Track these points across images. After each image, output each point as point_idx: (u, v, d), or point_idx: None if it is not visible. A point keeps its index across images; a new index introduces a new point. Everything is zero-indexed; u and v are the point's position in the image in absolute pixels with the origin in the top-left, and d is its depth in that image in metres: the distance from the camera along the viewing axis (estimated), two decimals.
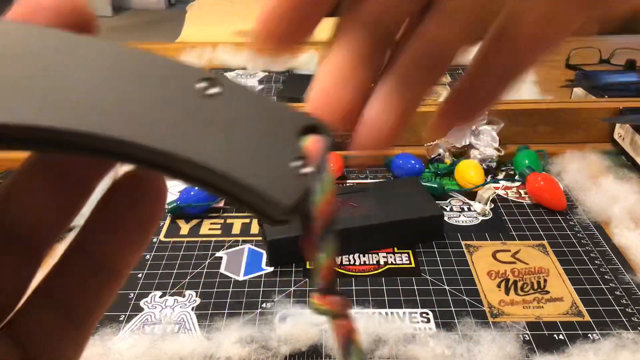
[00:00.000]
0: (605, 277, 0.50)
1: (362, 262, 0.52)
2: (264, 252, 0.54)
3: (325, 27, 0.21)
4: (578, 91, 0.82)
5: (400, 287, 0.49)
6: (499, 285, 0.49)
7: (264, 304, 0.47)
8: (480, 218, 0.59)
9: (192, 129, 0.15)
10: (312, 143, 0.16)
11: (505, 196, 0.62)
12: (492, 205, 0.60)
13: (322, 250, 0.16)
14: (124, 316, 0.46)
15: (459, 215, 0.59)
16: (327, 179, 0.16)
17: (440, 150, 0.68)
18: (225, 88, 0.15)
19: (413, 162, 0.64)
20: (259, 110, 0.16)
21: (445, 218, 0.58)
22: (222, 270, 0.52)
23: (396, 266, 0.51)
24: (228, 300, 0.48)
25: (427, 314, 0.46)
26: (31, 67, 0.14)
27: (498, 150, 0.67)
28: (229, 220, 0.59)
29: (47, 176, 0.17)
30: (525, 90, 0.85)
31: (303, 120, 0.16)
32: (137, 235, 0.18)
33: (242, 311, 0.47)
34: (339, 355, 0.17)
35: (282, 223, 0.17)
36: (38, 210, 0.17)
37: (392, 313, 0.46)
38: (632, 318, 0.45)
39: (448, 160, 0.67)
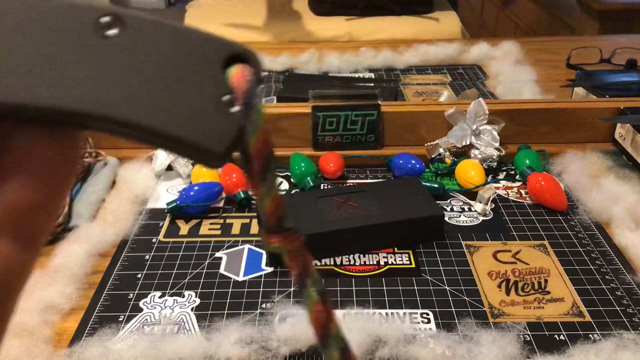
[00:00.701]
0: (606, 277, 0.50)
1: (362, 262, 0.52)
2: (263, 252, 0.54)
3: (324, 27, 0.20)
4: (579, 91, 0.82)
5: (400, 288, 0.49)
6: (499, 286, 0.49)
7: (264, 304, 0.47)
8: (481, 218, 0.58)
9: (101, 78, 0.14)
10: (237, 74, 0.15)
11: (506, 196, 0.62)
12: (493, 205, 0.60)
13: (265, 187, 0.15)
14: (123, 317, 0.46)
15: (460, 215, 0.59)
16: (258, 114, 0.15)
17: (441, 150, 0.68)
18: (129, 24, 0.14)
19: (413, 162, 0.64)
20: (174, 44, 0.14)
21: (446, 218, 0.58)
22: (221, 270, 0.51)
23: (396, 266, 0.51)
24: (228, 300, 0.48)
25: (428, 314, 0.46)
26: None
27: (499, 150, 0.67)
28: (228, 221, 0.59)
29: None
30: (526, 90, 0.85)
31: (226, 48, 0.15)
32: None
33: (242, 311, 0.46)
34: (318, 344, 0.17)
35: (221, 165, 0.16)
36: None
37: (392, 313, 0.46)
38: (633, 318, 0.45)
39: (448, 160, 0.67)
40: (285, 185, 0.65)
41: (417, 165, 0.64)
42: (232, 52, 0.15)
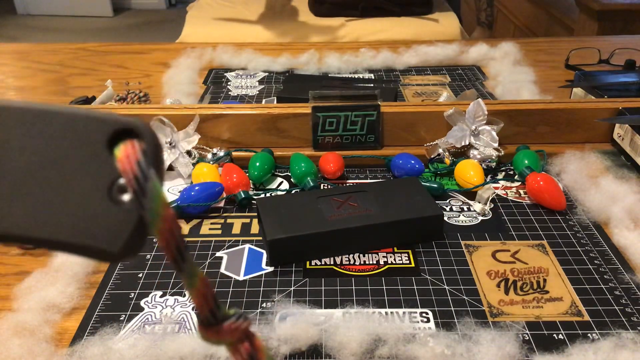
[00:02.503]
0: (605, 276, 0.50)
1: (362, 262, 0.52)
2: (264, 252, 0.54)
3: (324, 28, 0.20)
4: (578, 91, 0.82)
5: (400, 287, 0.49)
6: (498, 285, 0.49)
7: (264, 303, 0.47)
8: (480, 218, 0.59)
9: None
10: (123, 155, 0.12)
11: (505, 196, 0.62)
12: (492, 205, 0.61)
13: (184, 278, 0.13)
14: (124, 316, 0.46)
15: (459, 215, 0.59)
16: (154, 199, 0.12)
17: (440, 150, 0.68)
18: None
19: (413, 162, 0.64)
20: (48, 131, 0.12)
21: (445, 218, 0.58)
22: (222, 270, 0.52)
23: (396, 266, 0.52)
24: (228, 300, 0.48)
25: (427, 313, 0.46)
26: None
27: (498, 150, 0.67)
28: (229, 220, 0.59)
29: None
30: (525, 90, 0.85)
31: (108, 126, 0.12)
32: None
33: (242, 311, 0.47)
34: None
35: (128, 259, 0.13)
36: None
37: (392, 313, 0.46)
38: (632, 318, 0.45)
39: (448, 160, 0.67)
40: (285, 185, 0.65)
41: (417, 166, 0.64)
42: (116, 129, 0.12)
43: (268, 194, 0.63)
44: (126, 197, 0.12)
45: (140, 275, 0.51)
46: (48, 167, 0.12)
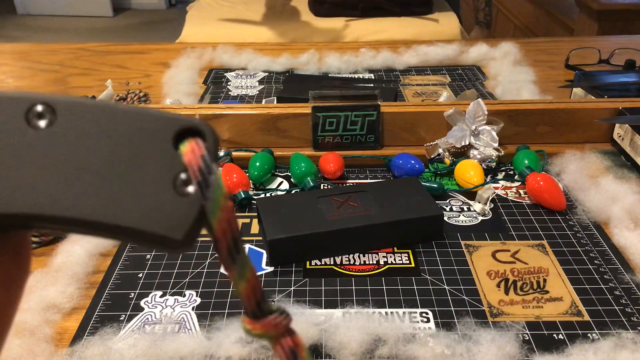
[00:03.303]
0: (605, 276, 0.50)
1: (362, 262, 0.52)
2: (264, 252, 0.54)
3: (324, 28, 0.20)
4: (577, 91, 0.82)
5: (400, 287, 0.49)
6: (498, 285, 0.49)
7: None
8: (480, 218, 0.59)
9: (40, 174, 0.13)
10: (189, 150, 0.13)
11: (505, 196, 0.62)
12: (492, 205, 0.61)
13: (236, 270, 0.14)
14: (124, 316, 0.46)
15: (459, 215, 0.59)
16: (216, 192, 0.13)
17: (440, 150, 0.68)
18: (61, 112, 0.13)
19: (413, 162, 0.64)
20: (117, 127, 0.13)
21: (445, 218, 0.58)
22: (222, 270, 0.52)
23: (396, 266, 0.52)
24: (228, 300, 0.48)
25: (427, 313, 0.46)
26: None
27: (498, 150, 0.67)
28: None
29: None
30: (525, 91, 0.85)
31: (174, 124, 0.14)
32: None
33: (243, 311, 0.47)
34: None
35: (183, 251, 0.15)
36: None
37: (392, 313, 0.46)
38: (632, 318, 0.45)
39: (448, 160, 0.67)
40: (285, 185, 0.65)
41: (417, 166, 0.64)
42: (181, 127, 0.14)
43: (268, 194, 0.63)
44: (190, 188, 0.13)
45: (140, 275, 0.51)
46: (119, 160, 0.13)
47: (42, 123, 0.13)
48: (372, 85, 0.91)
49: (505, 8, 2.01)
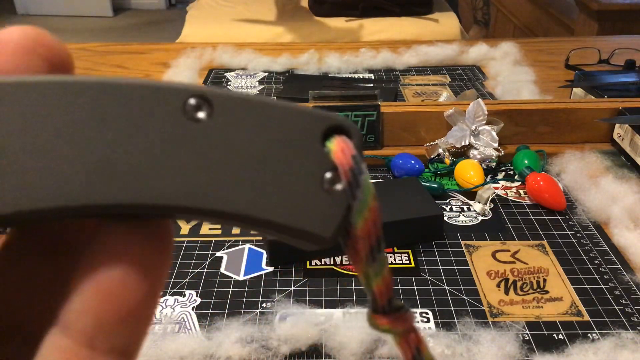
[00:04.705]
0: (605, 277, 0.50)
1: None
2: (264, 252, 0.54)
3: (324, 28, 0.20)
4: (577, 91, 0.82)
5: (400, 287, 0.49)
6: (498, 285, 0.49)
7: (264, 303, 0.47)
8: (480, 218, 0.59)
9: (194, 167, 0.13)
10: (339, 149, 0.13)
11: (505, 196, 0.62)
12: (492, 205, 0.61)
13: (374, 267, 0.14)
14: None
15: (459, 215, 0.59)
16: (366, 191, 0.14)
17: (440, 151, 0.68)
18: (217, 105, 0.13)
19: (413, 162, 0.64)
20: (268, 122, 0.13)
21: (445, 218, 0.58)
22: (222, 270, 0.52)
23: (396, 266, 0.52)
24: (228, 300, 0.48)
25: (427, 313, 0.46)
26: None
27: (498, 150, 0.67)
28: None
29: (33, 252, 0.14)
30: (525, 91, 0.85)
31: (323, 121, 0.14)
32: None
33: (242, 311, 0.47)
34: None
35: (330, 246, 0.15)
36: (29, 295, 0.14)
37: None
38: (632, 318, 0.45)
39: (448, 160, 0.67)
40: None
41: (417, 166, 0.64)
42: (330, 125, 0.14)
43: None
44: (338, 187, 0.13)
45: None
46: (269, 155, 0.13)
47: (200, 115, 0.13)
48: (372, 85, 0.91)
49: (505, 8, 2.01)
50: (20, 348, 0.14)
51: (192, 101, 0.13)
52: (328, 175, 0.13)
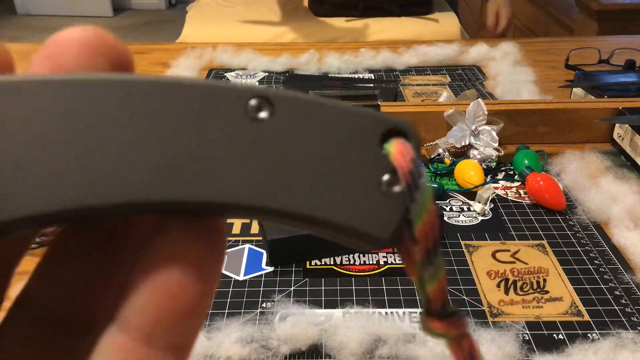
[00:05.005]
0: (605, 276, 0.50)
1: (362, 262, 0.52)
2: (264, 252, 0.54)
3: (324, 28, 0.20)
4: (577, 91, 0.82)
5: (400, 287, 0.49)
6: (498, 285, 0.49)
7: (264, 303, 0.47)
8: (480, 218, 0.59)
9: (256, 166, 0.13)
10: (399, 151, 0.13)
11: (505, 196, 0.62)
12: (492, 205, 0.61)
13: (430, 271, 0.14)
14: None
15: (459, 215, 0.59)
16: (425, 194, 0.13)
17: (440, 150, 0.68)
18: (278, 105, 0.13)
19: None
20: (327, 122, 0.13)
21: (445, 218, 0.58)
22: (222, 270, 0.52)
23: (396, 266, 0.52)
24: (228, 300, 0.48)
25: None
26: (62, 126, 0.12)
27: (498, 150, 0.67)
28: (228, 220, 0.59)
29: (92, 244, 0.14)
30: (525, 91, 0.85)
31: (383, 123, 0.14)
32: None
33: (242, 311, 0.47)
34: None
35: (388, 247, 0.15)
36: (87, 287, 0.15)
37: (392, 313, 0.46)
38: (632, 318, 0.45)
39: (448, 160, 0.67)
40: None
41: None
42: (389, 127, 0.14)
43: None
44: (396, 189, 0.13)
45: None
46: (329, 156, 0.13)
47: (261, 115, 0.13)
48: (372, 85, 0.91)
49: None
50: (78, 342, 0.15)
51: (253, 102, 0.13)
52: (386, 177, 0.13)
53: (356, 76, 0.96)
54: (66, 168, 0.12)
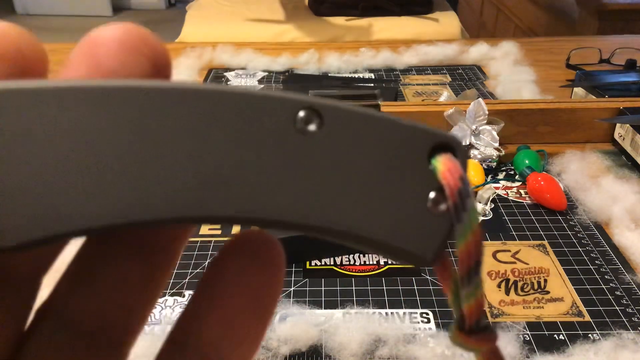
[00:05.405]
0: (606, 277, 0.50)
1: (362, 262, 0.52)
2: None
3: (324, 27, 0.20)
4: (578, 91, 0.82)
5: (400, 287, 0.49)
6: (499, 286, 0.49)
7: None
8: (481, 218, 0.58)
9: (306, 181, 0.13)
10: (447, 169, 0.13)
11: (506, 196, 0.62)
12: (492, 205, 0.60)
13: (469, 290, 0.14)
14: None
15: None
16: (472, 214, 0.13)
17: None
18: (327, 117, 0.13)
19: None
20: (375, 135, 0.13)
21: None
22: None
23: (396, 266, 0.51)
24: None
25: (427, 314, 0.46)
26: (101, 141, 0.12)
27: (498, 150, 0.67)
28: None
29: (125, 253, 0.14)
30: (526, 90, 0.85)
31: (431, 138, 0.13)
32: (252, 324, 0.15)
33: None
34: None
35: (430, 266, 0.14)
36: (119, 297, 0.14)
37: (392, 313, 0.46)
38: (633, 318, 0.45)
39: None
40: None
41: None
42: (438, 141, 0.13)
43: None
44: (442, 207, 0.13)
45: None
46: (375, 171, 0.13)
47: (310, 128, 0.13)
48: (372, 85, 0.91)
49: (506, 7, 2.01)
50: (108, 355, 0.15)
51: (302, 113, 0.13)
52: (432, 194, 0.13)
53: (356, 76, 0.96)
54: (116, 180, 0.12)
